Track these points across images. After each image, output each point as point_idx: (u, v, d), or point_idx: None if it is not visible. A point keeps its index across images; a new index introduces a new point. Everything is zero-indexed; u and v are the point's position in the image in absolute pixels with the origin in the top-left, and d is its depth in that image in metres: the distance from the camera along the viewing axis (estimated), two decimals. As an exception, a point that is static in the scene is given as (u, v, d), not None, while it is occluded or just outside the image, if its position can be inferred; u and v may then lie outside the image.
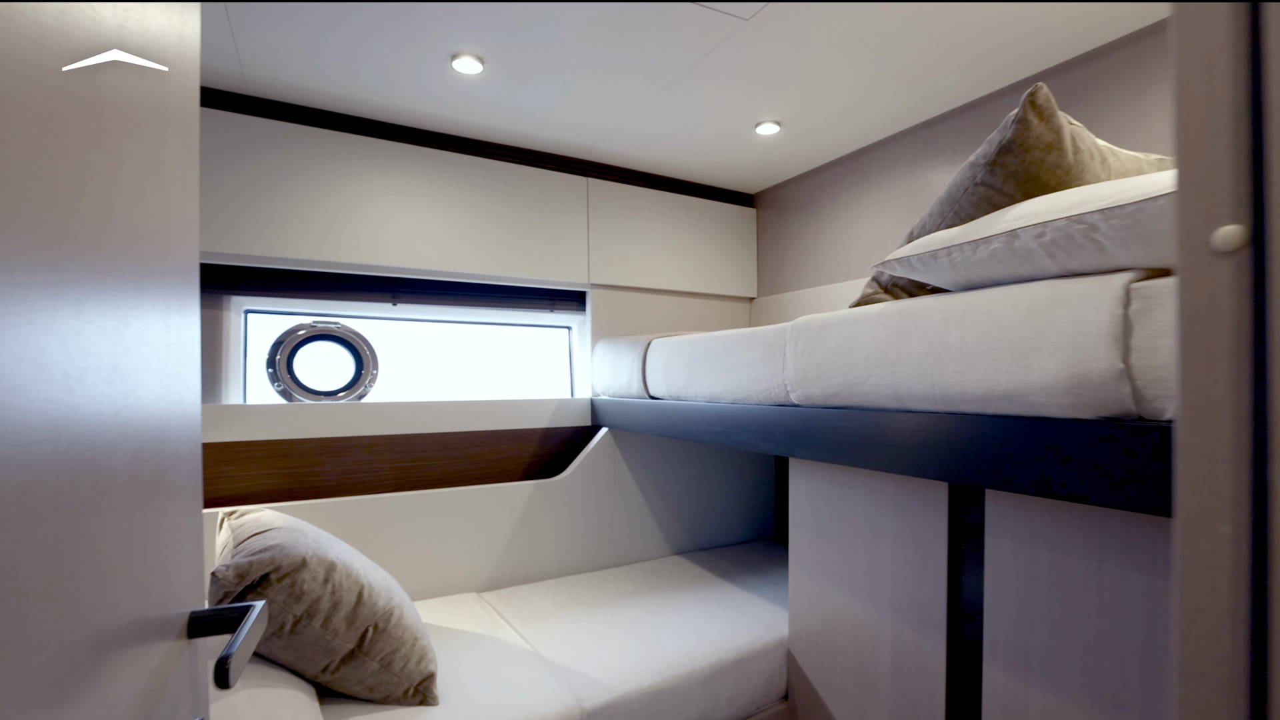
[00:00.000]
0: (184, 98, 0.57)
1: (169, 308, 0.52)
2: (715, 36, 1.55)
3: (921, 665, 1.22)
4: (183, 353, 0.55)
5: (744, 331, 1.48)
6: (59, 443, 0.32)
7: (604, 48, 1.60)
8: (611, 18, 1.46)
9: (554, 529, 2.14)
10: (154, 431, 0.48)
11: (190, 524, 0.58)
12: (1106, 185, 0.78)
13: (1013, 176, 1.03)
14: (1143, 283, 0.74)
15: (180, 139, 0.56)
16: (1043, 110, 0.99)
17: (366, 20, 1.47)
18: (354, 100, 1.87)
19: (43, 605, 0.30)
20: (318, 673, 1.19)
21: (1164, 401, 0.71)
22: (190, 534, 0.58)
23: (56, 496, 0.32)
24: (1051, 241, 0.81)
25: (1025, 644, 1.03)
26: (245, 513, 1.50)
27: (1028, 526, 1.02)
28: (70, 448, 0.34)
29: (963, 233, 0.94)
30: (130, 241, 0.44)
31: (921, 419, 1.01)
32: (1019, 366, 0.84)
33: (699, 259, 2.65)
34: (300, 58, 1.63)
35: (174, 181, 0.54)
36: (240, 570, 1.11)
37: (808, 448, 1.25)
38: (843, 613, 1.40)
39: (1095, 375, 0.75)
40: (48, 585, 0.31)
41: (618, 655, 1.48)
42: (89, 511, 0.36)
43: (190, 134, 0.60)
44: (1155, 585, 0.86)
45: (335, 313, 2.06)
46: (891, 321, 1.05)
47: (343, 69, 1.69)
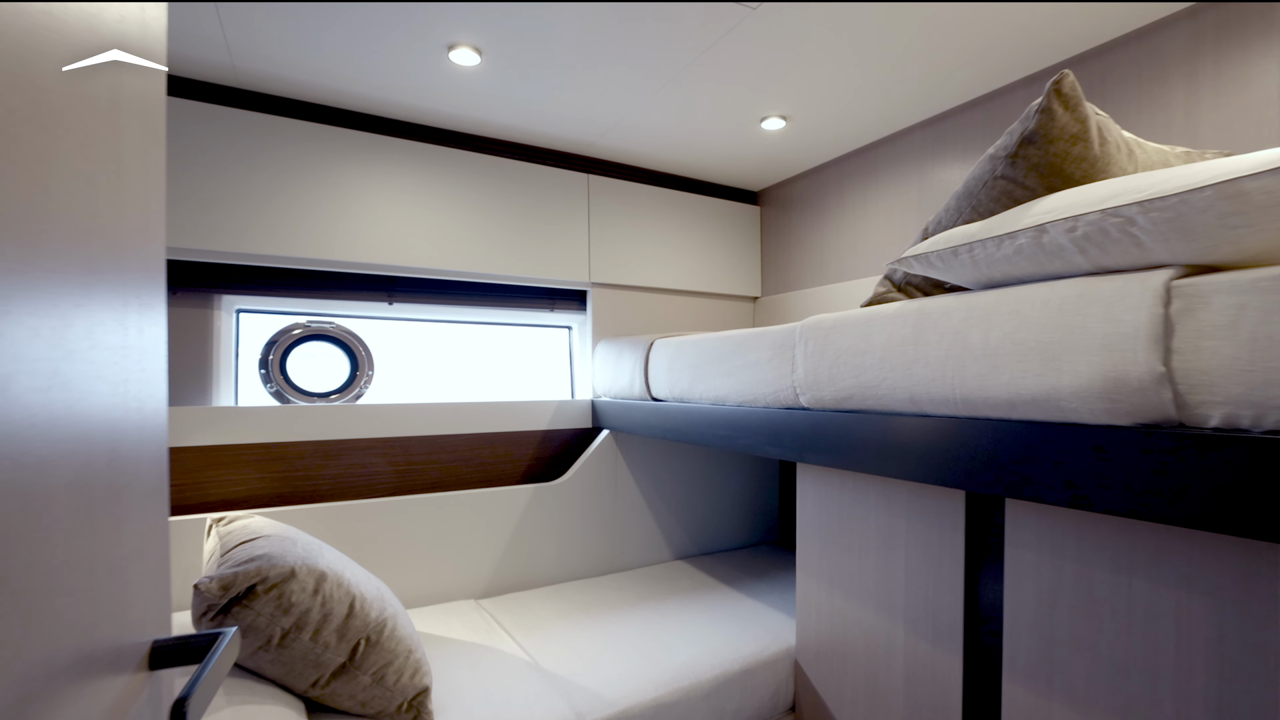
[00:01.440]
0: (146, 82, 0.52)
1: (126, 307, 0.47)
2: (720, 28, 1.50)
3: (937, 679, 1.17)
4: (144, 356, 0.50)
5: (751, 331, 1.43)
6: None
7: (605, 39, 1.55)
8: (613, 8, 1.41)
9: (554, 534, 2.10)
10: (105, 444, 0.43)
11: (154, 543, 0.53)
12: (1144, 176, 0.73)
13: (1035, 169, 0.98)
14: (1185, 280, 0.69)
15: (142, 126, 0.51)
16: (1068, 99, 0.94)
17: (360, 10, 1.42)
18: (348, 93, 1.82)
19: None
20: (307, 687, 1.14)
21: (1209, 408, 0.66)
22: (153, 554, 0.53)
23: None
24: (1084, 236, 0.76)
25: (1048, 660, 0.98)
26: (234, 519, 1.45)
27: (1050, 537, 0.97)
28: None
29: (986, 227, 0.89)
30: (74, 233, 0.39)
31: (941, 424, 0.96)
32: (1048, 369, 0.79)
33: (702, 257, 2.60)
34: (292, 49, 1.58)
35: (133, 171, 0.49)
36: (224, 582, 1.06)
37: (818, 453, 1.20)
38: (853, 623, 1.35)
39: (1133, 379, 0.70)
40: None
41: (619, 667, 1.43)
42: (14, 540, 0.31)
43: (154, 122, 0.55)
44: (1190, 603, 0.81)
45: (330, 312, 2.02)
46: (908, 321, 1.00)
47: (336, 60, 1.64)
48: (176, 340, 1.74)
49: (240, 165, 1.74)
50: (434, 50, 1.59)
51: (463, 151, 2.08)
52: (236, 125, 1.74)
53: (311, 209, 1.83)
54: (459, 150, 2.07)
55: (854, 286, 2.25)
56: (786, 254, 2.63)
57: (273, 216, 1.78)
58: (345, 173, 1.88)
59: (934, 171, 2.01)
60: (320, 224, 1.84)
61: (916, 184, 2.07)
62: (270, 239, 1.77)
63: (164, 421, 0.55)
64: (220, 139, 1.71)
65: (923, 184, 2.04)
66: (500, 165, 2.14)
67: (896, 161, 2.13)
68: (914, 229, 2.07)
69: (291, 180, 1.80)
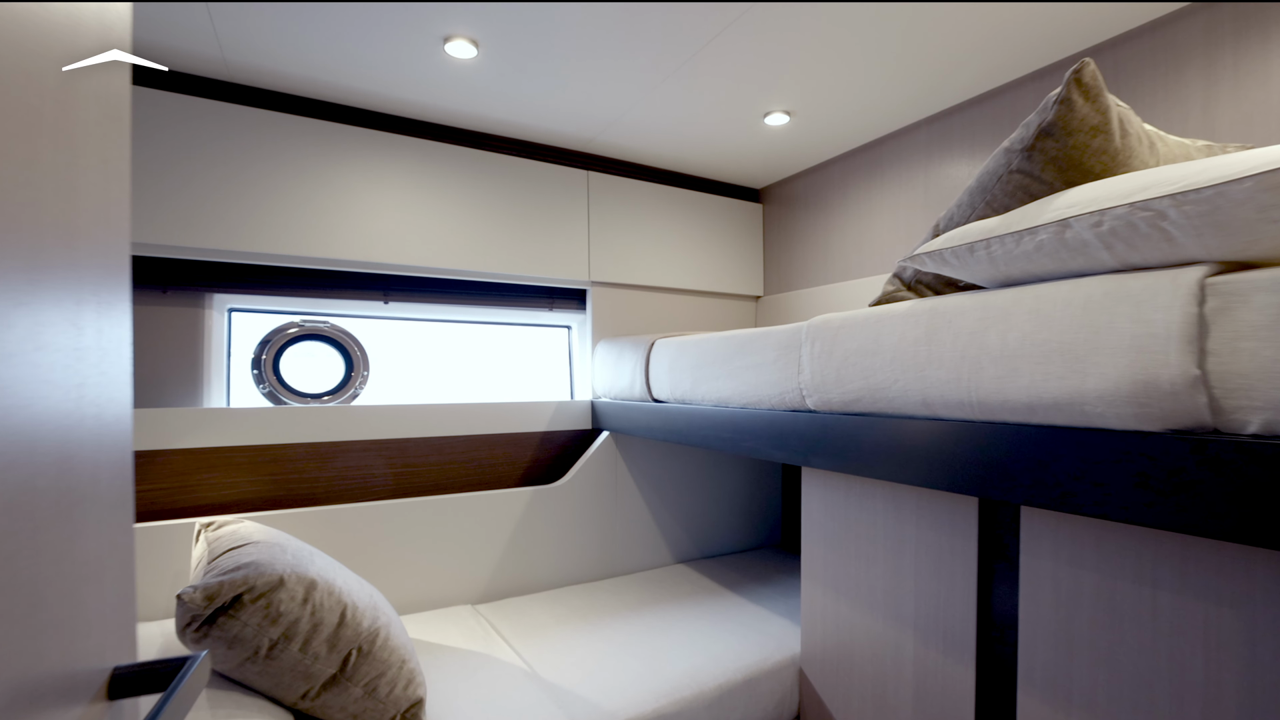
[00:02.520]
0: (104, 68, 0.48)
1: (80, 305, 0.43)
2: (722, 20, 1.46)
3: (948, 690, 1.13)
4: (103, 357, 0.46)
5: (755, 331, 1.39)
6: None
7: (605, 31, 1.51)
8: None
9: (553, 537, 2.06)
10: (54, 454, 0.39)
11: (115, 561, 0.49)
12: (1175, 168, 0.69)
13: (1053, 163, 0.94)
14: (1220, 277, 0.65)
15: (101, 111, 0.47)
16: (1089, 89, 0.90)
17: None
18: (341, 87, 1.78)
19: None
20: (296, 700, 1.10)
21: (1248, 413, 0.62)
22: (114, 572, 0.49)
23: None
24: (1110, 231, 0.72)
25: (1066, 673, 0.94)
26: (223, 524, 1.42)
27: (1068, 546, 0.93)
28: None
29: (1004, 223, 0.85)
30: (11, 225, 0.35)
31: (955, 428, 0.92)
32: (1071, 372, 0.75)
33: (704, 256, 2.56)
34: (284, 41, 1.54)
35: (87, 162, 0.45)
36: (209, 592, 1.02)
37: (825, 457, 1.17)
38: (860, 631, 1.31)
39: (1165, 382, 0.66)
40: None
41: (620, 676, 1.40)
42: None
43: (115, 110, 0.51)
44: (1219, 615, 0.77)
45: (324, 311, 1.97)
46: (921, 321, 0.96)
47: (328, 52, 1.60)
48: (167, 340, 1.70)
49: (232, 161, 1.70)
50: (429, 42, 1.55)
51: (460, 147, 2.04)
52: (228, 120, 1.70)
53: (305, 206, 1.79)
54: (456, 146, 2.03)
55: (858, 286, 2.21)
56: (789, 252, 2.59)
57: (265, 213, 1.74)
58: (339, 169, 1.84)
59: (940, 168, 1.97)
60: (314, 221, 1.80)
61: (922, 181, 2.03)
62: (263, 236, 1.73)
63: (128, 428, 0.51)
64: (211, 134, 1.67)
65: (929, 181, 2.00)
66: (498, 161, 2.10)
67: (902, 158, 2.09)
68: (920, 227, 2.03)
69: (284, 176, 1.76)
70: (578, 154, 2.29)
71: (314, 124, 1.81)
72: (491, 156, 2.09)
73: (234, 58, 1.61)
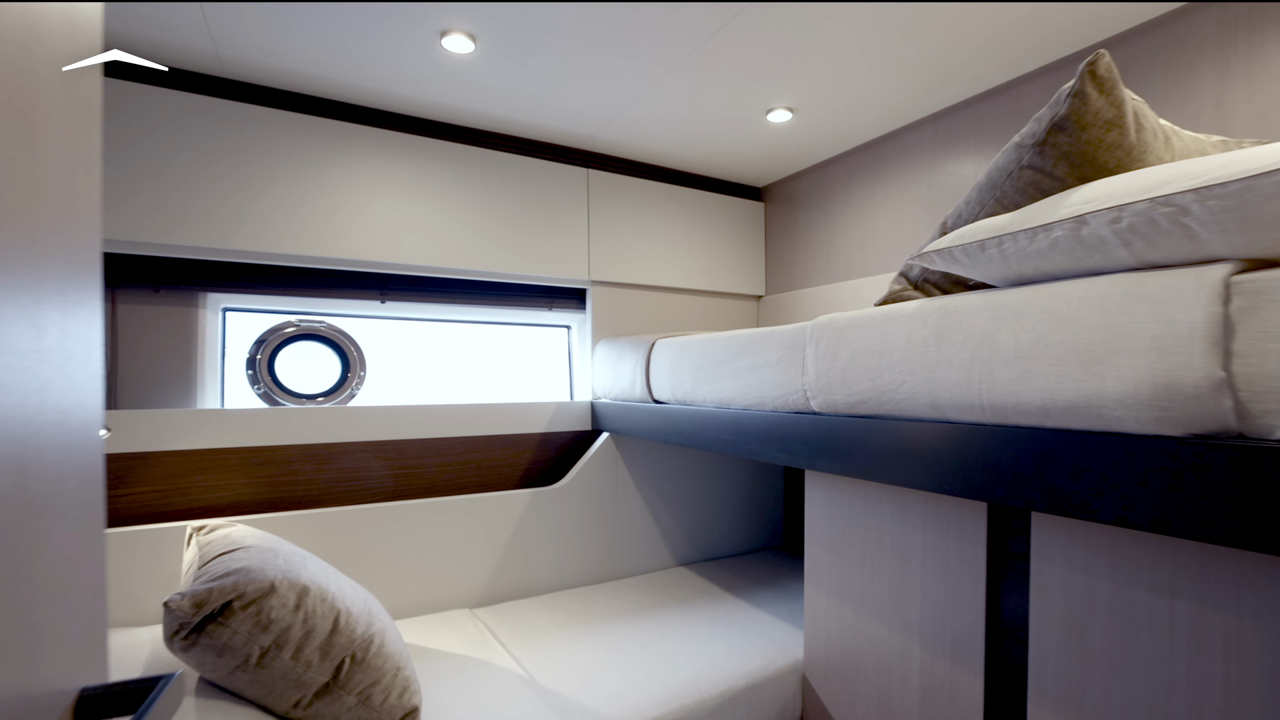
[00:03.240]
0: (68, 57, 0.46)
1: (41, 305, 0.40)
2: (725, 14, 1.43)
3: (956, 698, 1.11)
4: (68, 360, 0.43)
5: (758, 331, 1.36)
6: None
7: (605, 26, 1.48)
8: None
9: (552, 540, 2.03)
10: (9, 464, 0.36)
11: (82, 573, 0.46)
12: (1198, 161, 0.66)
13: (1065, 158, 0.91)
14: (1246, 275, 0.62)
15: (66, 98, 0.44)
16: (1104, 82, 0.87)
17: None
18: (337, 82, 1.75)
19: None
20: (288, 709, 1.07)
21: (1275, 417, 0.59)
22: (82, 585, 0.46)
23: None
24: (1129, 228, 0.69)
25: (1079, 684, 0.91)
26: (215, 527, 1.39)
27: (1081, 553, 0.90)
28: None
29: (1016, 220, 0.82)
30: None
31: (965, 431, 0.89)
32: (1088, 374, 0.72)
33: (705, 255, 2.53)
34: (278, 35, 1.51)
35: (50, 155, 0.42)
36: (198, 599, 0.99)
37: (830, 460, 1.14)
38: (865, 637, 1.28)
39: (1188, 385, 0.63)
40: None
41: (620, 683, 1.37)
42: None
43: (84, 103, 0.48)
44: (1240, 626, 0.75)
45: (320, 311, 1.95)
46: (929, 321, 0.93)
47: (324, 47, 1.57)
48: (160, 340, 1.67)
49: (225, 158, 1.67)
50: (426, 36, 1.52)
51: (458, 145, 2.01)
52: (222, 116, 1.67)
53: (300, 204, 1.76)
54: (454, 143, 2.01)
55: (861, 285, 2.18)
56: (792, 251, 2.56)
57: (260, 211, 1.71)
58: (335, 166, 1.81)
59: (945, 166, 1.94)
60: (310, 219, 1.77)
61: (927, 179, 2.00)
62: (258, 235, 1.70)
63: (96, 434, 0.49)
64: (204, 131, 1.65)
65: (934, 179, 1.98)
66: (497, 159, 2.08)
67: (907, 156, 2.06)
68: (924, 226, 2.00)
69: (279, 174, 1.74)
70: (577, 151, 2.26)
71: (309, 120, 1.78)
72: (490, 154, 2.06)
73: (228, 53, 1.59)
